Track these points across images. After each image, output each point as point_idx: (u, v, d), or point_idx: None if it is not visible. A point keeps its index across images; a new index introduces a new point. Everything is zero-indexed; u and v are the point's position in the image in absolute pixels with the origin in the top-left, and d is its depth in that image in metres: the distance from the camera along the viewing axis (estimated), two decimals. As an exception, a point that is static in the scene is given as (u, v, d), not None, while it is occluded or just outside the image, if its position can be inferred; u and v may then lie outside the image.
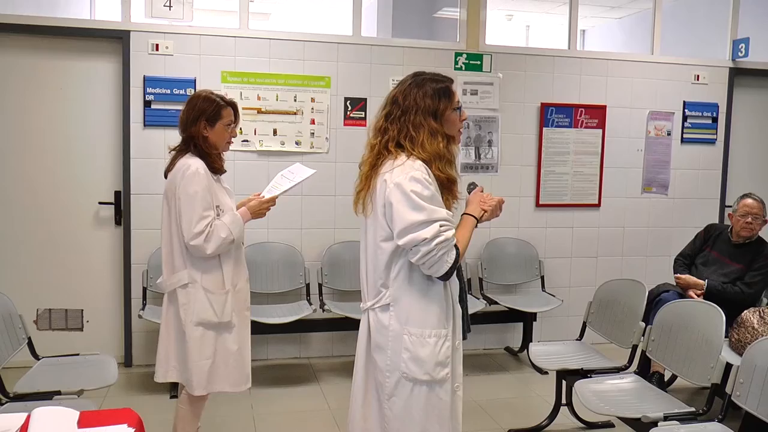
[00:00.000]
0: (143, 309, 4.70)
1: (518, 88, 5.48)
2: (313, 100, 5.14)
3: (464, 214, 2.50)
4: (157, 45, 4.86)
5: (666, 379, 4.46)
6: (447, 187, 2.41)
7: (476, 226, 2.50)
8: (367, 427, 2.48)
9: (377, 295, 2.42)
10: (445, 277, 2.33)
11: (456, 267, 2.34)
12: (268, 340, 5.15)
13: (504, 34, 7.63)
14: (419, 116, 2.37)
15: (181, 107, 3.22)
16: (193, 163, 3.11)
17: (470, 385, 4.81)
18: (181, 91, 4.86)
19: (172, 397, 4.37)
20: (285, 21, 8.10)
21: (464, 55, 5.37)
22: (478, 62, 5.39)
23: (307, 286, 5.14)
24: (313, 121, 5.16)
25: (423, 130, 2.37)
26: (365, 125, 5.19)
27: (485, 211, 2.52)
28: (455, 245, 2.31)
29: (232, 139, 3.33)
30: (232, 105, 3.26)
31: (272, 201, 3.37)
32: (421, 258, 2.26)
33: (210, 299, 3.13)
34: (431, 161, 2.36)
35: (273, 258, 5.08)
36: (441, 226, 2.27)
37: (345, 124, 5.21)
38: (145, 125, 4.86)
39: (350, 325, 4.64)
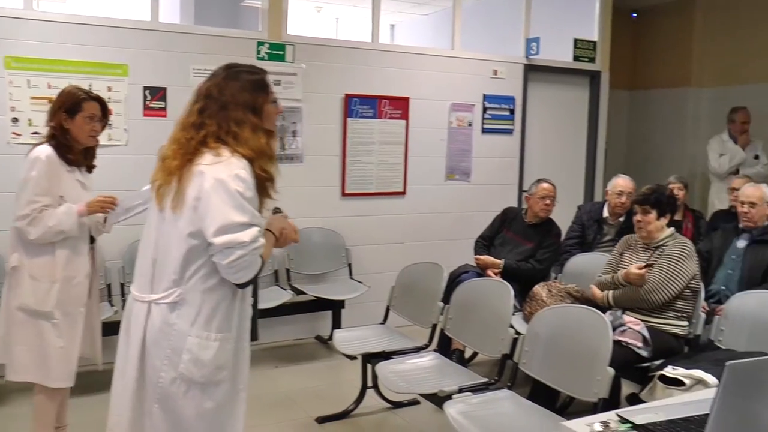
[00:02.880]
0: None
1: (322, 78, 5.50)
2: (109, 89, 4.84)
3: (266, 230, 2.41)
4: None
5: (469, 355, 4.67)
6: (264, 187, 2.31)
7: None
8: (137, 428, 2.34)
9: (166, 290, 2.28)
10: (247, 284, 2.27)
11: (257, 277, 2.29)
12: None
13: (314, 26, 7.65)
14: (239, 111, 2.27)
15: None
16: (39, 150, 3.14)
17: (280, 377, 4.81)
18: (-46, 79, 4.43)
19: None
20: (85, 3, 7.59)
21: (266, 45, 5.31)
22: (281, 52, 5.35)
23: (108, 286, 4.86)
24: (110, 112, 4.86)
25: (245, 126, 2.26)
26: (166, 116, 4.98)
27: (283, 237, 2.47)
28: (261, 255, 2.25)
29: (99, 136, 3.33)
30: (98, 99, 3.29)
31: (111, 200, 3.25)
32: (234, 261, 2.16)
33: (33, 286, 3.12)
34: (254, 159, 2.25)
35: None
36: (258, 232, 2.21)
37: (145, 115, 4.97)
38: None
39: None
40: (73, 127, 3.19)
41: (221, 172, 2.19)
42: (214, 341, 2.28)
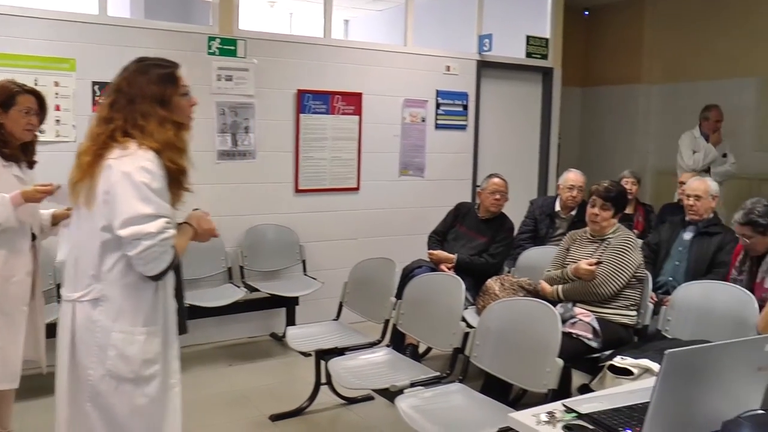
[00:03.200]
0: None
1: (274, 74, 5.46)
2: (56, 84, 4.74)
3: (184, 222, 2.45)
4: None
5: (423, 350, 4.68)
6: (177, 179, 2.33)
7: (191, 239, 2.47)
8: (74, 429, 2.35)
9: (86, 287, 2.30)
10: (159, 276, 2.26)
11: (170, 269, 2.29)
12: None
13: (267, 21, 7.58)
14: (146, 104, 2.28)
15: None
16: None
17: (234, 375, 4.77)
18: None
19: None
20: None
21: (218, 40, 5.24)
22: (233, 47, 5.29)
23: (58, 286, 4.74)
24: (57, 107, 4.75)
25: (152, 119, 2.28)
26: (116, 111, 4.89)
27: (202, 230, 2.48)
28: (173, 246, 2.26)
29: (37, 130, 3.25)
30: (34, 93, 3.20)
31: (48, 188, 3.12)
32: (141, 252, 2.17)
33: None
34: (162, 151, 2.27)
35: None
36: (167, 223, 2.22)
37: (94, 110, 4.79)
38: None
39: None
40: (8, 121, 3.11)
41: (127, 165, 2.21)
42: (140, 335, 2.30)
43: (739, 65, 6.95)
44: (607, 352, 3.54)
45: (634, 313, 3.89)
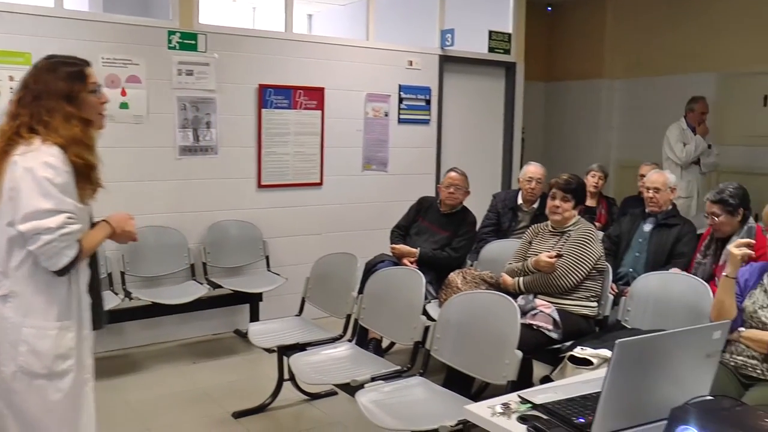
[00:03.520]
0: None
1: (236, 69, 5.41)
2: (11, 78, 4.62)
3: (104, 220, 2.45)
4: None
5: (386, 344, 4.68)
6: (85, 174, 2.32)
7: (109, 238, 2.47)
8: None
9: None
10: (62, 272, 2.26)
11: (75, 264, 2.28)
12: None
13: (230, 16, 7.50)
14: (52, 100, 2.30)
15: None
16: None
17: (197, 373, 4.73)
18: None
19: None
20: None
21: (178, 34, 5.17)
22: (193, 42, 5.23)
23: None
24: (12, 102, 4.67)
25: (57, 115, 2.29)
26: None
27: (121, 231, 2.48)
28: (79, 241, 2.26)
29: None
30: None
31: None
32: (41, 247, 2.18)
33: None
34: (68, 146, 2.27)
35: None
36: (68, 218, 2.21)
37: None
38: None
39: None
40: None
41: (30, 161, 2.22)
42: (52, 330, 2.30)
43: (699, 60, 7.05)
44: (568, 343, 3.57)
45: (594, 304, 3.93)
